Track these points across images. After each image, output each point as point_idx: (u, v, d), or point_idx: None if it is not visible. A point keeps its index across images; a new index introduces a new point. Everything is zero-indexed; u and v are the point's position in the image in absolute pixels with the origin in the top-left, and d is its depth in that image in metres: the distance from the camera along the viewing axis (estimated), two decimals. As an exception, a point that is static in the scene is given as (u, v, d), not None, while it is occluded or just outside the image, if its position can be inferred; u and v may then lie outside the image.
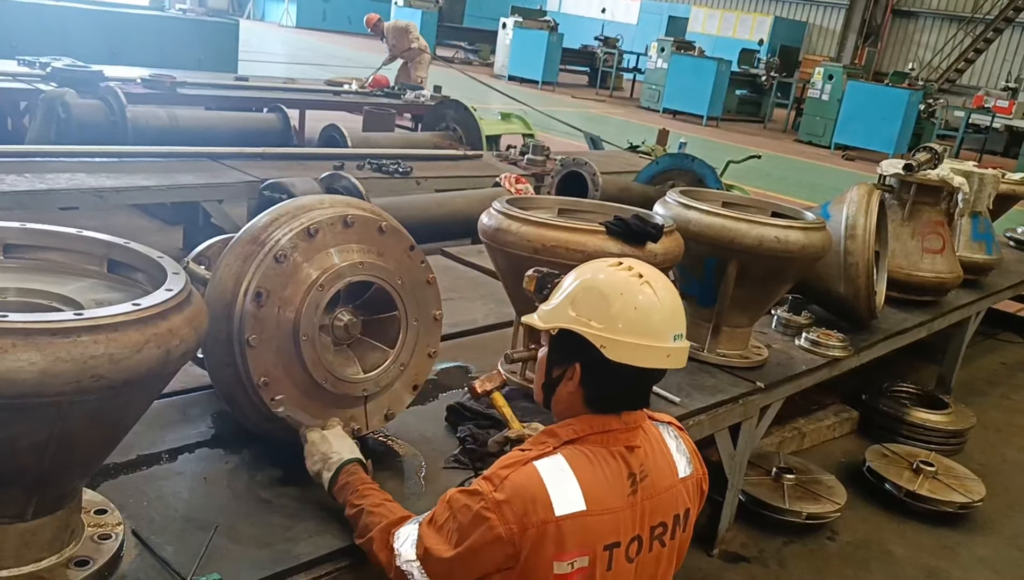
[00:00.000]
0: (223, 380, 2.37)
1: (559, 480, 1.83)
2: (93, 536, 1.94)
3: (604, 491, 1.87)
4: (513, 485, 1.82)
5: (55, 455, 1.67)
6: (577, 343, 1.90)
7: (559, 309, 1.96)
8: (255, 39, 22.94)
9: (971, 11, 27.60)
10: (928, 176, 5.03)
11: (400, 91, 10.51)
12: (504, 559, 1.82)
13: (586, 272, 2.00)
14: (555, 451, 1.88)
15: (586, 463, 1.87)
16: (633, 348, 1.88)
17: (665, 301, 1.94)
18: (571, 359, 1.94)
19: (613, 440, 1.92)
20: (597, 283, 1.94)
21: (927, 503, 4.48)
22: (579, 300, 1.93)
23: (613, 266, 1.97)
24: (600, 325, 1.88)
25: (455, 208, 5.71)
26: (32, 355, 1.47)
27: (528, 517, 1.79)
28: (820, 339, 4.16)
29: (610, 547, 1.87)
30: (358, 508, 2.10)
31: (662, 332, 1.92)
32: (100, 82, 7.35)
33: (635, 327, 1.88)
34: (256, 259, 2.28)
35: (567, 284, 2.01)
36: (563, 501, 1.81)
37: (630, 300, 1.90)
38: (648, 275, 1.95)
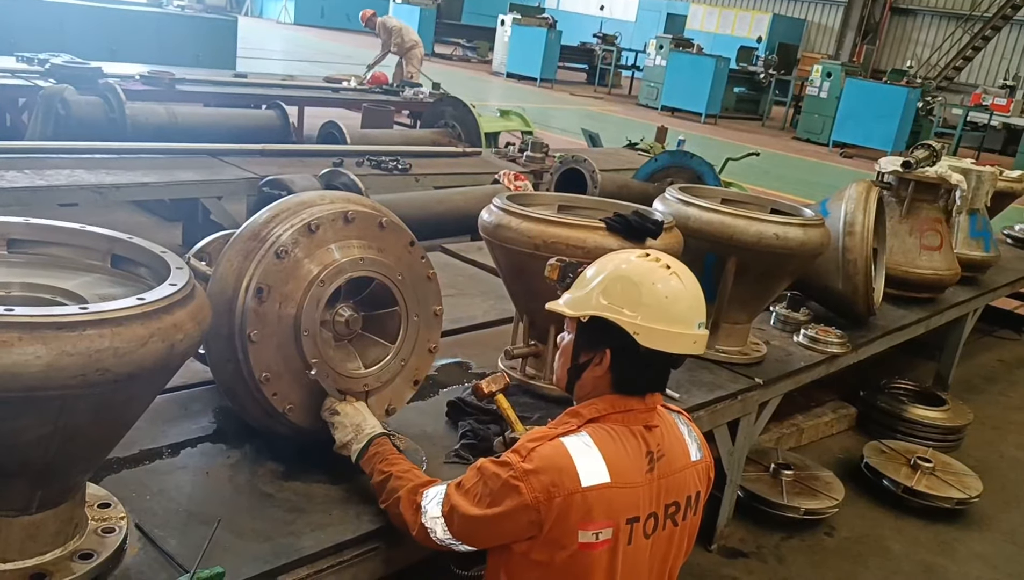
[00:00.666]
0: (225, 376, 2.38)
1: (585, 454, 1.92)
2: (97, 530, 1.95)
3: (626, 465, 1.95)
4: (541, 456, 1.91)
5: (60, 448, 1.68)
6: (608, 330, 1.97)
7: (589, 297, 2.02)
8: (253, 36, 22.93)
9: (969, 9, 27.61)
10: (926, 173, 5.05)
11: (399, 88, 10.52)
12: (528, 526, 1.89)
13: (614, 262, 2.06)
14: (579, 429, 1.97)
15: (608, 439, 1.96)
16: (664, 335, 1.96)
17: (691, 289, 2.03)
18: (601, 345, 2.01)
19: (633, 419, 2.01)
20: (627, 272, 2.01)
21: (924, 499, 4.50)
22: (610, 288, 1.99)
23: (640, 257, 2.05)
24: (632, 313, 1.95)
25: (454, 205, 5.72)
26: (38, 349, 1.48)
27: (555, 487, 1.87)
28: (818, 336, 4.17)
29: (632, 521, 1.95)
30: (386, 475, 2.19)
31: (689, 319, 2.00)
32: (99, 79, 7.36)
33: (665, 314, 1.96)
34: (257, 255, 2.29)
35: (594, 273, 2.06)
36: (589, 473, 1.89)
37: (660, 288, 1.97)
38: (674, 265, 2.03)
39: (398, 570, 2.31)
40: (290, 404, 2.35)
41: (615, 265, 2.05)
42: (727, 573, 3.84)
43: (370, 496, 2.31)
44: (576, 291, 2.09)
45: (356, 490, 2.35)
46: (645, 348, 1.95)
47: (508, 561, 1.97)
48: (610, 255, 2.12)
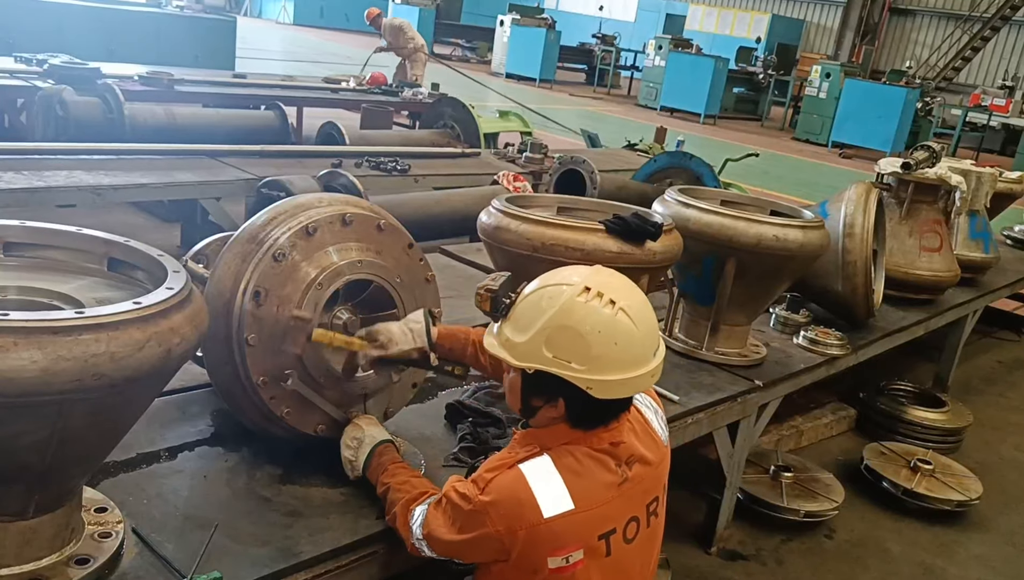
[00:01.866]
0: (222, 379, 2.37)
1: (545, 481, 1.86)
2: (93, 534, 1.94)
3: (592, 488, 1.89)
4: (498, 488, 1.87)
5: (56, 453, 1.67)
6: (559, 381, 1.85)
7: (532, 346, 1.87)
8: (252, 36, 22.92)
9: (968, 9, 27.62)
10: (926, 175, 5.04)
11: (398, 89, 10.51)
12: (496, 553, 1.89)
13: (554, 301, 1.87)
14: (541, 453, 1.91)
15: (572, 462, 1.90)
16: (620, 383, 1.86)
17: (642, 323, 1.89)
18: (553, 395, 1.90)
19: (597, 441, 1.94)
20: (570, 321, 1.84)
21: (924, 501, 4.49)
22: (554, 340, 1.84)
23: (582, 297, 1.86)
24: (582, 366, 1.83)
25: (453, 206, 5.71)
26: (34, 353, 1.48)
27: (516, 520, 1.84)
28: (818, 337, 4.16)
29: (605, 535, 1.91)
30: (386, 487, 2.18)
31: (644, 357, 1.90)
32: (97, 79, 7.34)
33: (618, 363, 1.85)
34: (255, 258, 2.28)
35: (534, 313, 1.89)
36: (551, 503, 1.84)
37: (609, 337, 1.83)
38: (620, 298, 1.87)
39: (396, 574, 2.29)
40: (288, 408, 2.35)
41: (557, 308, 1.85)
42: (727, 576, 3.83)
43: (369, 500, 2.31)
44: (516, 331, 1.90)
45: (354, 494, 2.34)
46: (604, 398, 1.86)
47: (491, 574, 1.97)
48: (549, 284, 1.92)
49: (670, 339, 3.85)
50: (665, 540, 3.65)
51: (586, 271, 1.96)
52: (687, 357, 3.75)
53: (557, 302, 1.87)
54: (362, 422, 2.38)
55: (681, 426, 3.22)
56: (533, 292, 1.94)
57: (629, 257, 2.82)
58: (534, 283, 1.97)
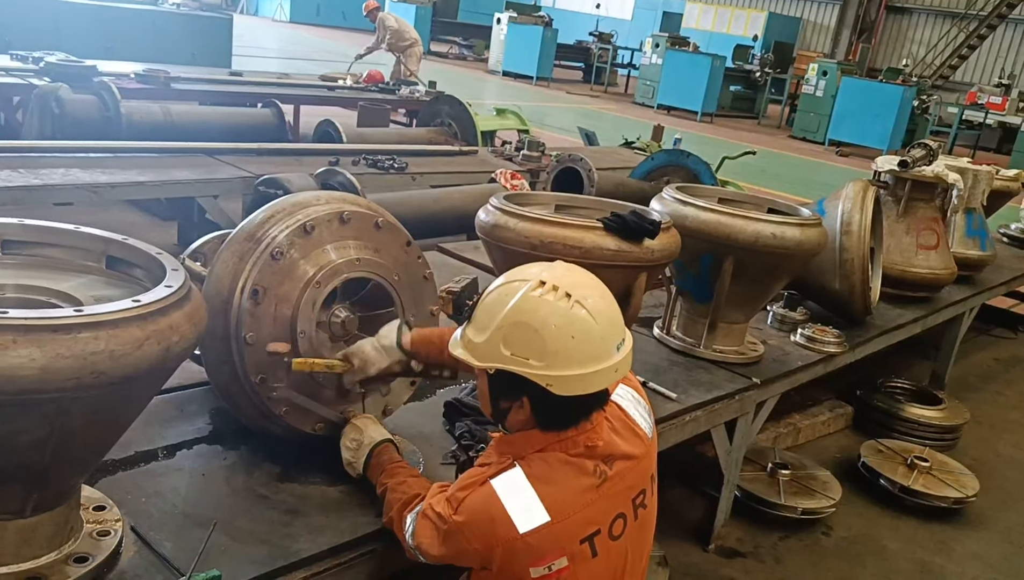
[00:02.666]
0: (220, 377, 2.37)
1: (517, 496, 1.83)
2: (92, 532, 1.94)
3: (567, 496, 1.86)
4: (470, 508, 1.86)
5: (55, 451, 1.67)
6: (520, 380, 1.82)
7: (490, 346, 1.84)
8: (249, 34, 22.87)
9: (964, 7, 27.64)
10: (923, 172, 5.05)
11: (395, 87, 10.50)
12: (481, 564, 1.89)
13: (509, 297, 1.85)
14: (513, 464, 1.89)
15: (545, 471, 1.87)
16: (580, 379, 1.81)
17: (601, 314, 1.84)
18: (517, 394, 1.87)
19: (572, 445, 1.90)
20: (525, 316, 1.81)
21: (921, 498, 4.50)
22: (511, 337, 1.82)
23: (536, 289, 1.83)
24: (540, 362, 1.80)
25: (451, 204, 5.71)
26: (32, 351, 1.47)
27: (491, 538, 1.83)
28: (815, 335, 4.17)
29: (588, 538, 1.88)
30: (384, 487, 2.18)
31: (605, 351, 1.84)
32: (94, 77, 7.32)
33: (576, 357, 1.80)
34: (253, 256, 2.28)
35: (492, 312, 1.86)
36: (525, 517, 1.82)
37: (565, 330, 1.79)
38: (576, 290, 1.83)
39: (395, 572, 2.29)
40: (286, 406, 2.34)
41: (512, 304, 1.83)
42: (725, 573, 3.84)
43: (367, 498, 2.31)
44: (477, 332, 1.88)
45: (353, 492, 2.34)
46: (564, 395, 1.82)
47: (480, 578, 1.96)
48: (506, 282, 1.90)
49: (668, 337, 3.85)
50: (663, 538, 3.67)
51: (543, 266, 1.92)
52: (685, 355, 3.75)
53: (512, 298, 1.84)
54: (360, 422, 2.37)
55: (679, 424, 3.23)
56: (492, 291, 1.92)
57: (627, 255, 2.82)
58: (494, 282, 1.95)
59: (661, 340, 3.86)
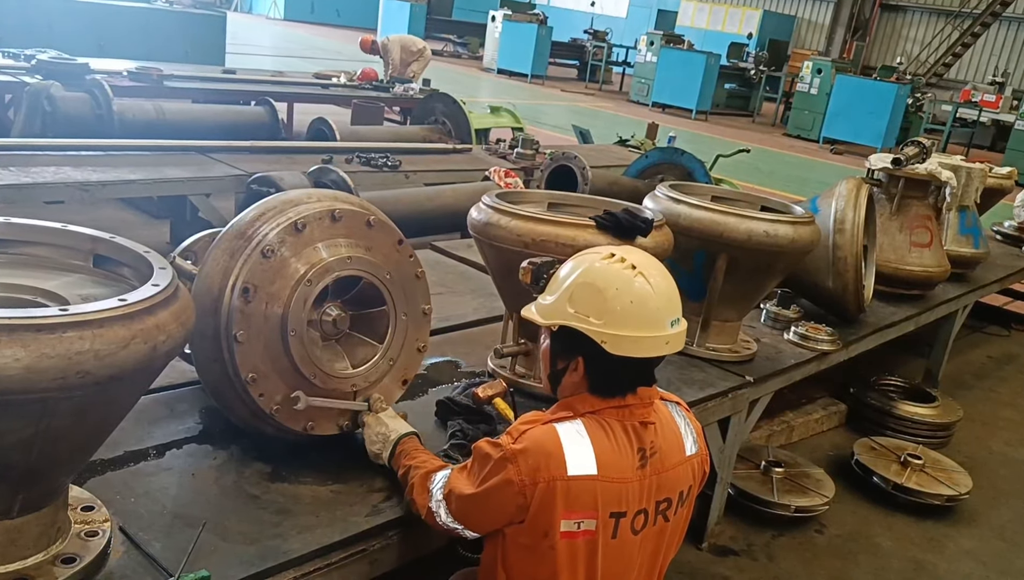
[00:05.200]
0: (211, 376, 2.35)
1: (575, 442, 1.93)
2: (80, 533, 1.92)
3: (616, 460, 1.95)
4: (532, 438, 1.94)
5: (41, 452, 1.65)
6: (578, 338, 1.96)
7: (558, 304, 2.01)
8: (242, 32, 22.83)
9: (958, 5, 27.68)
10: (916, 170, 5.05)
11: (389, 84, 10.48)
12: (516, 509, 1.92)
13: (580, 265, 2.03)
14: (575, 417, 1.98)
15: (601, 432, 1.96)
16: (633, 341, 1.94)
17: (660, 289, 1.99)
18: (574, 353, 2.01)
19: (629, 415, 2.01)
20: (592, 278, 1.98)
21: (914, 496, 4.50)
22: (576, 296, 1.98)
23: (606, 259, 2.01)
24: (599, 320, 1.94)
25: (444, 202, 5.70)
26: (16, 351, 1.46)
27: (541, 471, 1.89)
28: (809, 333, 4.17)
29: (616, 515, 1.95)
30: (407, 467, 2.24)
31: (659, 321, 1.98)
32: (86, 75, 7.30)
33: (632, 320, 1.94)
34: (243, 254, 2.26)
35: (563, 277, 2.05)
36: (576, 462, 1.91)
37: (625, 293, 1.95)
38: (641, 265, 2.00)
39: (386, 572, 2.29)
40: (277, 405, 2.33)
41: (582, 269, 2.02)
42: (717, 571, 3.83)
43: (358, 497, 2.30)
44: (548, 296, 2.08)
45: (344, 491, 2.34)
46: (617, 354, 1.94)
47: (502, 546, 2.00)
48: (579, 256, 2.10)
49: (661, 335, 3.84)
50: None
51: (619, 247, 2.13)
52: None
53: (584, 263, 2.04)
54: (385, 417, 2.44)
55: (672, 422, 3.22)
56: (567, 263, 2.10)
57: (620, 253, 2.81)
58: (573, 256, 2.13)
59: (654, 338, 3.85)
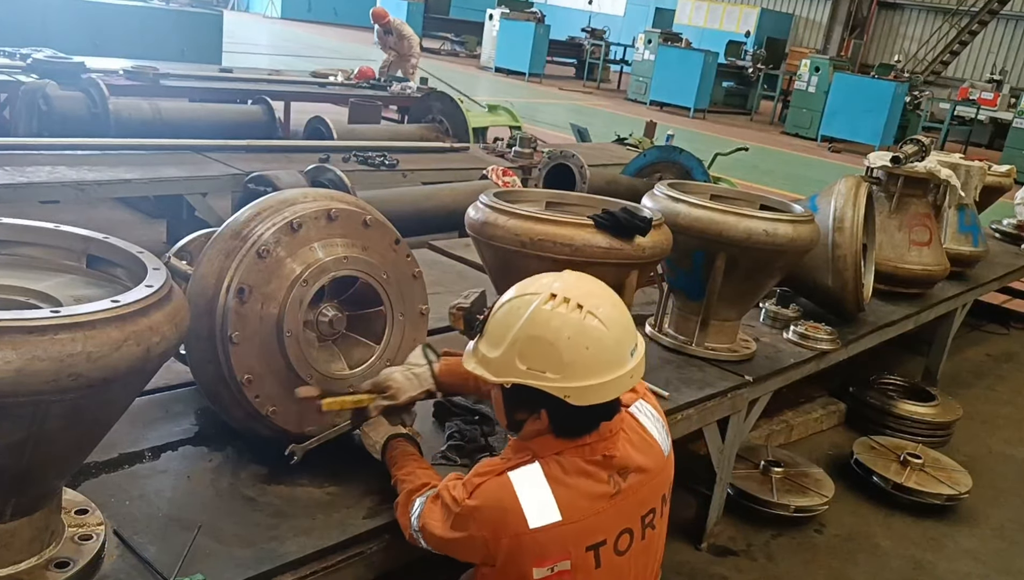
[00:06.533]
0: (206, 377, 2.34)
1: (533, 492, 1.84)
2: (74, 537, 1.91)
3: (580, 500, 1.87)
4: (485, 494, 1.86)
5: (33, 455, 1.63)
6: (538, 392, 1.84)
7: (506, 359, 1.86)
8: (239, 30, 22.80)
9: (956, 3, 27.66)
10: (915, 168, 5.03)
11: (386, 83, 10.45)
12: (483, 556, 1.89)
13: (522, 312, 1.86)
14: (532, 460, 1.89)
15: (561, 473, 1.88)
16: (597, 388, 1.83)
17: (613, 322, 1.86)
18: (535, 407, 1.88)
19: (590, 452, 1.91)
20: (539, 330, 1.83)
21: (914, 495, 4.48)
22: (526, 352, 1.83)
23: (549, 303, 1.84)
24: (556, 374, 1.81)
25: (442, 201, 5.68)
26: (7, 354, 1.44)
27: (501, 528, 1.83)
28: (808, 332, 4.15)
29: (594, 547, 1.88)
30: (394, 479, 2.20)
31: (619, 358, 1.86)
32: (82, 74, 7.27)
33: (593, 367, 1.82)
34: (238, 255, 2.25)
35: (505, 326, 1.88)
36: (537, 513, 1.83)
37: (579, 340, 1.81)
38: (588, 301, 1.85)
39: (383, 574, 2.27)
40: (273, 406, 2.31)
41: (525, 319, 1.84)
42: (717, 571, 3.82)
43: (355, 499, 2.28)
44: (492, 348, 1.89)
45: (341, 493, 2.32)
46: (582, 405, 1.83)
47: (482, 576, 1.97)
48: (517, 296, 1.91)
49: (660, 334, 3.83)
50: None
51: (552, 278, 1.93)
52: (677, 352, 3.73)
53: (525, 312, 1.86)
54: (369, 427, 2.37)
55: (671, 422, 3.17)
56: (503, 305, 1.93)
57: (618, 253, 2.79)
58: (504, 296, 1.96)
59: (653, 338, 3.84)
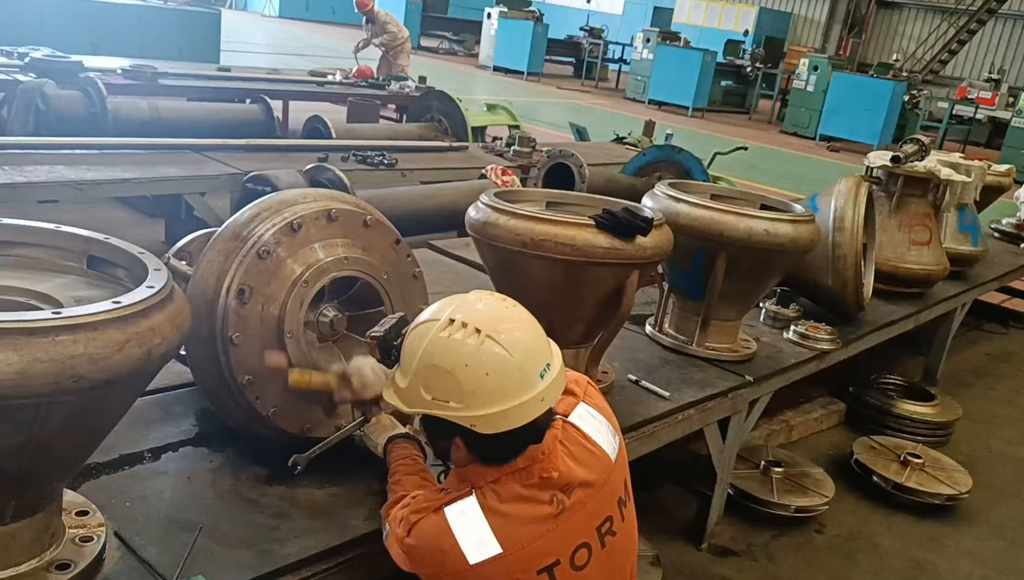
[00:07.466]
0: (206, 378, 2.33)
1: (470, 528, 1.80)
2: (74, 538, 1.90)
3: (521, 528, 1.82)
4: (421, 534, 1.84)
5: (34, 457, 1.63)
6: (447, 422, 1.79)
7: (412, 390, 1.81)
8: (237, 29, 22.78)
9: (954, 2, 27.67)
10: (915, 168, 5.03)
11: (385, 82, 10.44)
12: None
13: (421, 341, 1.81)
14: (469, 492, 1.85)
15: (499, 503, 1.82)
16: (502, 415, 1.75)
17: (517, 344, 1.78)
18: (448, 435, 1.83)
19: (527, 475, 1.85)
20: (436, 359, 1.77)
21: (914, 495, 4.48)
22: (428, 381, 1.78)
23: (446, 330, 1.78)
24: (459, 404, 1.76)
25: (441, 200, 5.67)
26: (9, 355, 1.43)
27: (440, 566, 1.81)
28: (808, 332, 4.15)
29: (547, 568, 1.83)
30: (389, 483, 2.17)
31: (525, 382, 1.77)
32: (80, 73, 7.25)
33: (495, 393, 1.75)
34: (239, 255, 2.24)
35: (409, 354, 1.84)
36: (476, 550, 1.78)
37: (478, 369, 1.74)
38: (487, 324, 1.77)
39: (384, 577, 2.26)
40: (274, 407, 2.31)
41: (423, 348, 1.79)
42: (717, 572, 3.81)
43: (355, 501, 2.28)
44: (402, 376, 1.85)
45: (342, 494, 2.31)
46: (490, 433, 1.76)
47: None
48: (418, 323, 1.86)
49: (660, 334, 3.82)
50: (655, 536, 3.64)
51: (457, 301, 1.85)
52: (677, 353, 3.72)
53: (424, 341, 1.81)
54: (370, 428, 2.36)
55: (672, 422, 3.20)
56: (411, 331, 1.88)
57: (619, 253, 2.78)
58: (416, 318, 1.91)
59: (653, 338, 3.83)
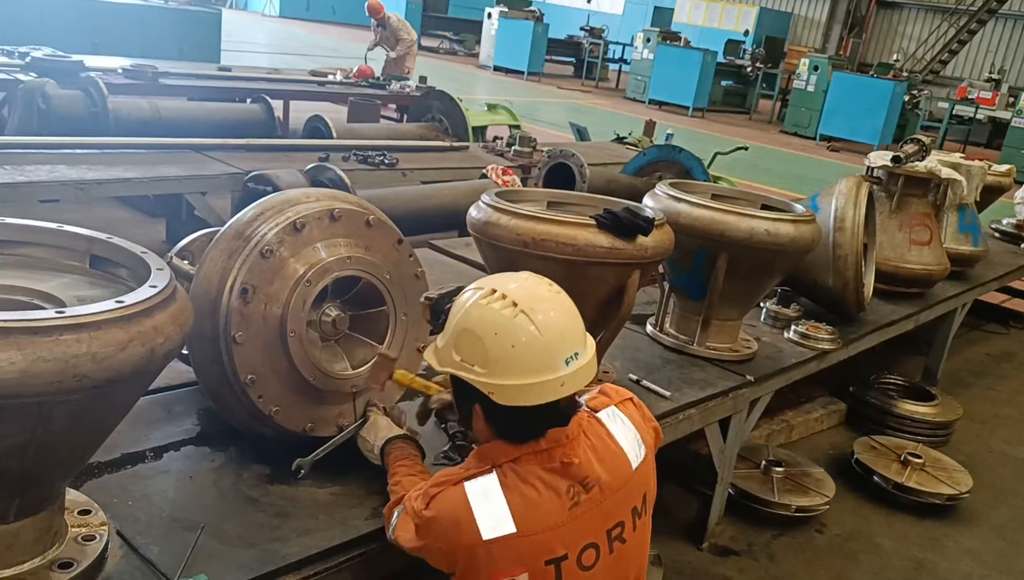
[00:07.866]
0: (209, 378, 2.33)
1: (487, 503, 1.82)
2: (77, 537, 1.90)
3: (538, 511, 1.83)
4: (440, 505, 1.85)
5: (37, 456, 1.63)
6: (469, 386, 1.83)
7: (446, 350, 1.87)
8: (238, 29, 22.78)
9: (955, 2, 27.67)
10: (916, 168, 5.03)
11: (385, 82, 10.45)
12: (447, 565, 1.89)
13: (462, 306, 1.88)
14: (490, 470, 1.87)
15: (518, 483, 1.84)
16: (519, 389, 1.79)
17: (548, 326, 1.81)
18: (470, 401, 1.87)
19: (548, 458, 1.86)
20: (470, 323, 1.83)
21: (915, 495, 4.49)
22: (460, 343, 1.84)
23: (486, 298, 1.84)
24: (483, 370, 1.80)
25: (442, 200, 5.67)
26: (12, 354, 1.43)
27: (456, 540, 1.82)
28: (809, 332, 4.15)
29: (554, 561, 1.84)
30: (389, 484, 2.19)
31: (549, 363, 1.80)
32: (81, 72, 7.25)
33: (516, 366, 1.78)
34: (241, 255, 2.24)
35: (452, 318, 1.90)
36: (490, 525, 1.80)
37: (505, 339, 1.79)
38: (525, 300, 1.82)
39: (386, 575, 2.26)
40: (276, 406, 2.31)
41: (462, 311, 1.86)
42: (718, 572, 3.82)
43: (357, 500, 2.28)
44: (442, 337, 1.92)
45: (343, 493, 2.32)
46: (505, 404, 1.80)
47: None
48: (466, 293, 1.92)
49: (661, 334, 3.83)
50: (656, 536, 3.63)
51: (507, 277, 1.93)
52: (678, 352, 3.73)
53: (463, 306, 1.88)
54: (367, 429, 2.37)
55: (672, 422, 3.20)
56: (458, 298, 1.94)
57: (620, 252, 2.79)
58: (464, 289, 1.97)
59: (654, 338, 3.84)
